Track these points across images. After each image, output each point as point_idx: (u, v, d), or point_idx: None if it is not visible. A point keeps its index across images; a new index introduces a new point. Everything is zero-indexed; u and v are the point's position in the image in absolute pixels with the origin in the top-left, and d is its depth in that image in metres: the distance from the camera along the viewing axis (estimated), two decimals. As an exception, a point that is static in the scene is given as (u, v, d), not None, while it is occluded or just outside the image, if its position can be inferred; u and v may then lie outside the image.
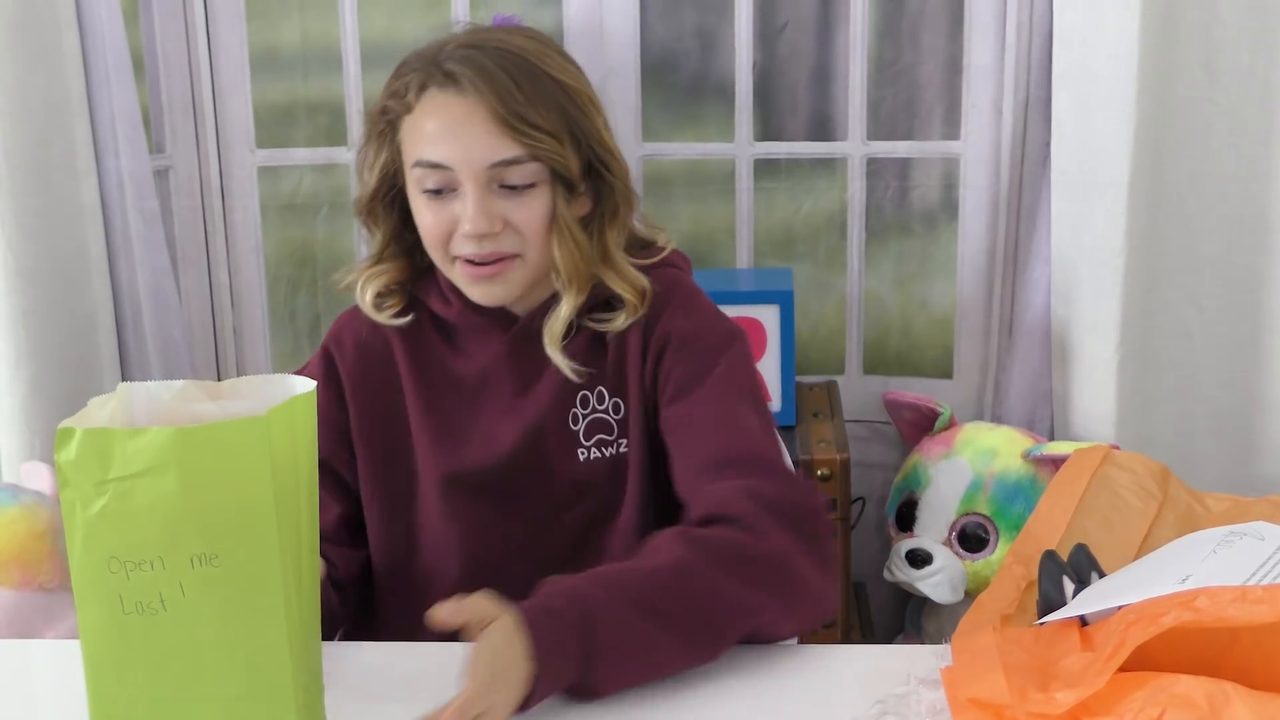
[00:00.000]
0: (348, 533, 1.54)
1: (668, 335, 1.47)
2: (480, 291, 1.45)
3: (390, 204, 1.50)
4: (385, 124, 1.46)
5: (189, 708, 1.09)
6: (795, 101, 2.59)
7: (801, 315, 2.49)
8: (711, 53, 2.56)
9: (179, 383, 1.13)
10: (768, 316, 2.29)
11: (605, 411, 1.48)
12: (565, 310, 1.46)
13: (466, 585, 1.38)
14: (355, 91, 2.53)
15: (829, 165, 2.56)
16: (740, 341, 1.50)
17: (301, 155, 2.60)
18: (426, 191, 1.42)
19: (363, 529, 1.56)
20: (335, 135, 2.59)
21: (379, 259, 1.53)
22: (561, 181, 1.42)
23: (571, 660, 1.21)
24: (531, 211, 1.42)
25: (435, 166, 1.40)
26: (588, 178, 1.46)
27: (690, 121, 2.56)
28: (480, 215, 1.40)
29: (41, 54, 2.21)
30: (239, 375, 2.57)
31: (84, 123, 2.28)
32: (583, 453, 1.48)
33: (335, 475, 1.53)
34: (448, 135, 1.40)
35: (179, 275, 2.49)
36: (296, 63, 2.58)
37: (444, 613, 1.18)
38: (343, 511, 1.54)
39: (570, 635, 1.21)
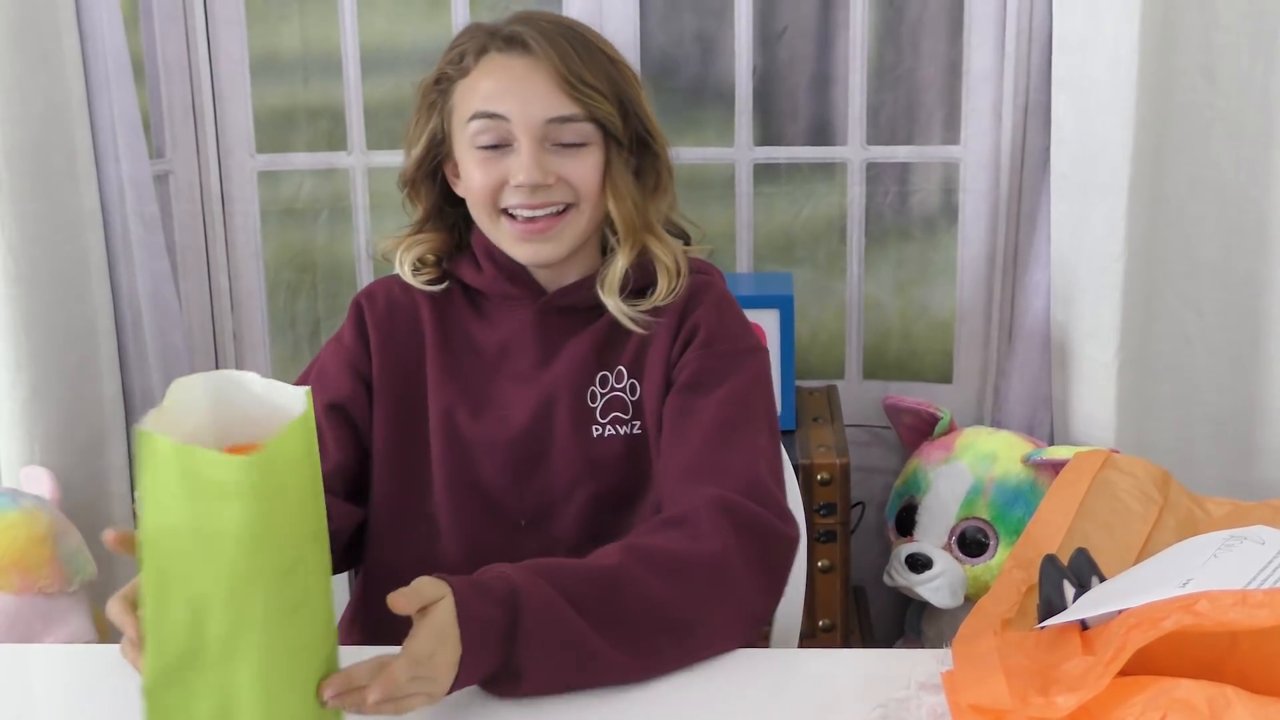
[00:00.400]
0: (343, 484, 1.54)
1: (696, 326, 1.50)
2: (529, 250, 1.49)
3: (432, 176, 1.55)
4: (437, 93, 1.51)
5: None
6: (795, 106, 2.59)
7: (801, 320, 2.50)
8: (711, 57, 2.56)
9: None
10: (768, 321, 2.29)
11: (623, 390, 1.50)
12: (621, 262, 1.50)
13: (474, 556, 1.42)
14: (355, 96, 2.53)
15: (829, 170, 2.56)
16: (763, 359, 1.52)
17: (301, 160, 2.60)
18: (480, 148, 1.46)
19: (360, 489, 1.55)
20: (335, 140, 2.59)
21: (419, 229, 1.57)
22: (614, 141, 1.48)
23: (495, 633, 1.20)
24: (586, 167, 1.46)
25: (492, 116, 1.45)
26: (632, 148, 1.51)
27: (690, 126, 2.57)
28: (535, 166, 1.44)
29: (41, 58, 2.21)
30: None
31: (84, 127, 2.28)
32: (596, 429, 1.50)
33: (349, 420, 1.54)
34: (506, 90, 1.45)
35: (179, 280, 2.49)
36: (297, 67, 2.58)
37: (399, 601, 1.16)
38: (344, 461, 1.54)
39: (496, 610, 1.20)
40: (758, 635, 1.40)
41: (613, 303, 1.50)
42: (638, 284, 1.52)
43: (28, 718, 1.33)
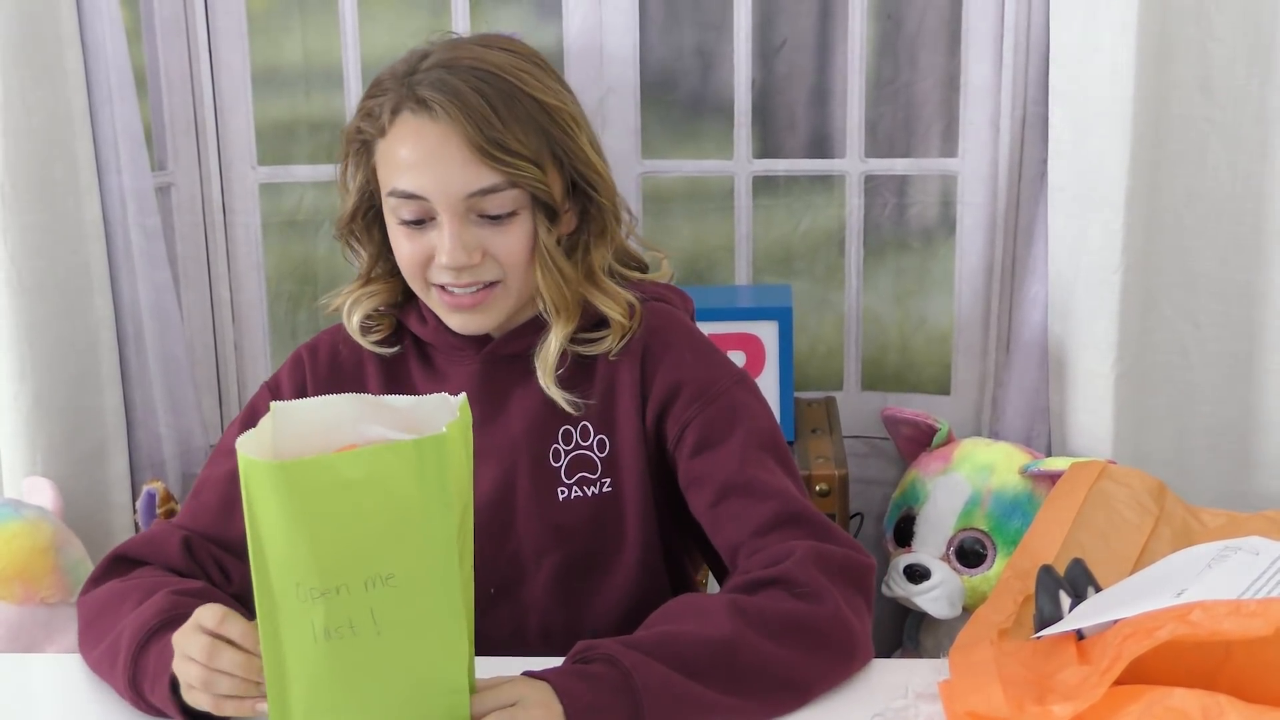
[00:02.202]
0: None
1: (677, 383, 1.41)
2: (459, 320, 1.41)
3: (371, 223, 1.46)
4: (360, 143, 1.42)
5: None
6: (794, 119, 2.60)
7: (800, 331, 2.50)
8: (710, 70, 2.57)
9: (332, 398, 1.14)
10: (766, 333, 2.30)
11: (590, 448, 1.42)
12: (555, 341, 1.41)
13: None
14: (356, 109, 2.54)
15: (827, 182, 2.57)
16: (749, 384, 1.45)
17: (303, 172, 2.61)
18: (403, 222, 1.38)
19: None
20: (337, 152, 2.58)
21: (367, 280, 1.49)
22: (543, 207, 1.37)
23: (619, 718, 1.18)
24: (512, 241, 1.37)
25: (410, 197, 1.36)
26: (572, 197, 1.41)
27: (689, 139, 2.58)
28: (458, 248, 1.35)
29: (44, 71, 2.22)
30: (240, 391, 2.59)
31: (86, 140, 2.29)
32: (562, 491, 1.42)
33: None
34: (422, 164, 1.34)
35: (180, 291, 2.50)
36: (298, 80, 2.59)
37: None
38: None
39: (614, 699, 1.18)
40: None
41: (546, 384, 1.40)
42: (597, 317, 1.43)
43: (30, 727, 1.34)
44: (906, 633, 2.44)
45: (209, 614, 1.19)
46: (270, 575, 1.07)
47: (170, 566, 1.39)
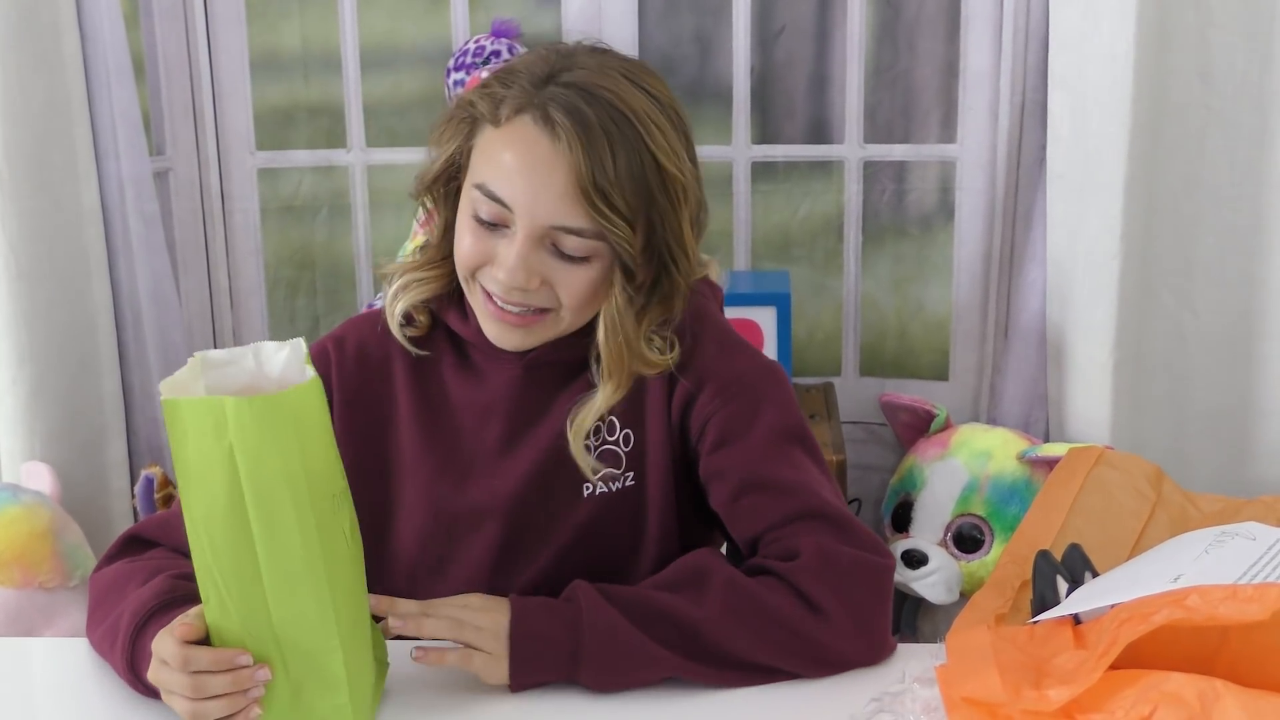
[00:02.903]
0: None
1: (701, 377, 1.38)
2: (496, 331, 1.36)
3: (451, 194, 1.38)
4: (468, 117, 1.34)
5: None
6: (792, 105, 2.60)
7: (798, 317, 2.50)
8: (709, 57, 2.57)
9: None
10: (765, 318, 2.30)
11: (615, 443, 1.40)
12: (600, 403, 1.36)
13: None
14: (355, 94, 2.54)
15: (826, 168, 2.57)
16: (780, 379, 1.42)
17: (301, 157, 2.61)
18: (477, 218, 1.32)
19: None
20: (335, 138, 2.60)
21: (428, 258, 1.42)
22: (621, 266, 1.32)
23: (561, 652, 1.24)
24: (577, 282, 1.31)
25: (495, 200, 1.30)
26: (650, 262, 1.34)
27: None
28: (520, 269, 1.29)
29: (42, 56, 2.22)
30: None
31: (84, 125, 2.29)
32: (587, 488, 1.39)
33: None
34: (522, 176, 1.28)
35: (179, 277, 2.50)
36: (296, 65, 2.59)
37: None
38: None
39: (560, 628, 1.24)
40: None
41: (575, 448, 1.36)
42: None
43: (28, 711, 1.34)
44: (904, 618, 2.44)
45: (169, 649, 1.19)
46: (293, 502, 1.13)
47: (180, 549, 1.38)
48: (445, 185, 1.38)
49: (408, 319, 1.42)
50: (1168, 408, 2.31)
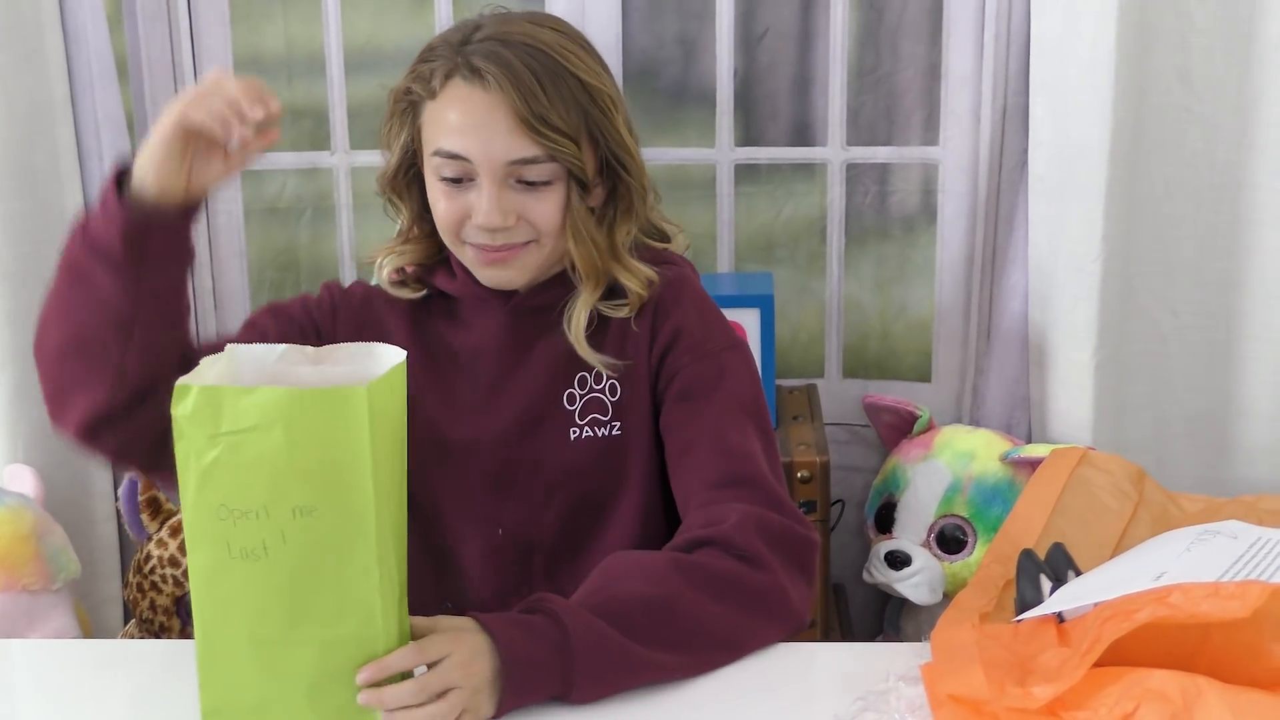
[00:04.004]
0: None
1: (678, 330, 1.49)
2: (490, 274, 1.48)
3: (411, 182, 1.52)
4: (407, 103, 1.48)
5: (287, 650, 1.16)
6: (776, 107, 2.61)
7: (781, 319, 2.51)
8: (693, 60, 2.57)
9: (282, 346, 1.21)
10: (748, 320, 2.30)
11: (602, 392, 1.50)
12: (583, 304, 1.49)
13: (447, 563, 1.48)
14: (339, 96, 2.54)
15: (809, 170, 2.58)
16: (745, 352, 1.53)
17: (285, 159, 2.61)
18: (444, 179, 1.45)
19: None
20: (319, 140, 2.59)
21: (404, 239, 1.55)
22: (576, 180, 1.45)
23: (547, 676, 1.24)
24: (546, 207, 1.44)
25: (454, 157, 1.43)
26: (603, 174, 1.48)
27: (671, 127, 2.58)
28: (495, 210, 1.42)
29: (25, 58, 2.22)
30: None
31: (68, 127, 2.28)
32: (574, 431, 1.49)
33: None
34: (469, 129, 1.42)
35: (162, 279, 2.49)
36: (280, 67, 2.59)
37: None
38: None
39: (549, 652, 1.23)
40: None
41: (580, 348, 1.48)
42: (614, 283, 1.51)
43: (11, 713, 1.34)
44: (888, 619, 2.45)
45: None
46: (190, 493, 1.13)
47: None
48: (405, 176, 1.52)
49: (395, 282, 1.54)
50: (1149, 408, 2.32)
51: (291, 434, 1.11)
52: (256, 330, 1.54)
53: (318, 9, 2.51)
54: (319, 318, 1.55)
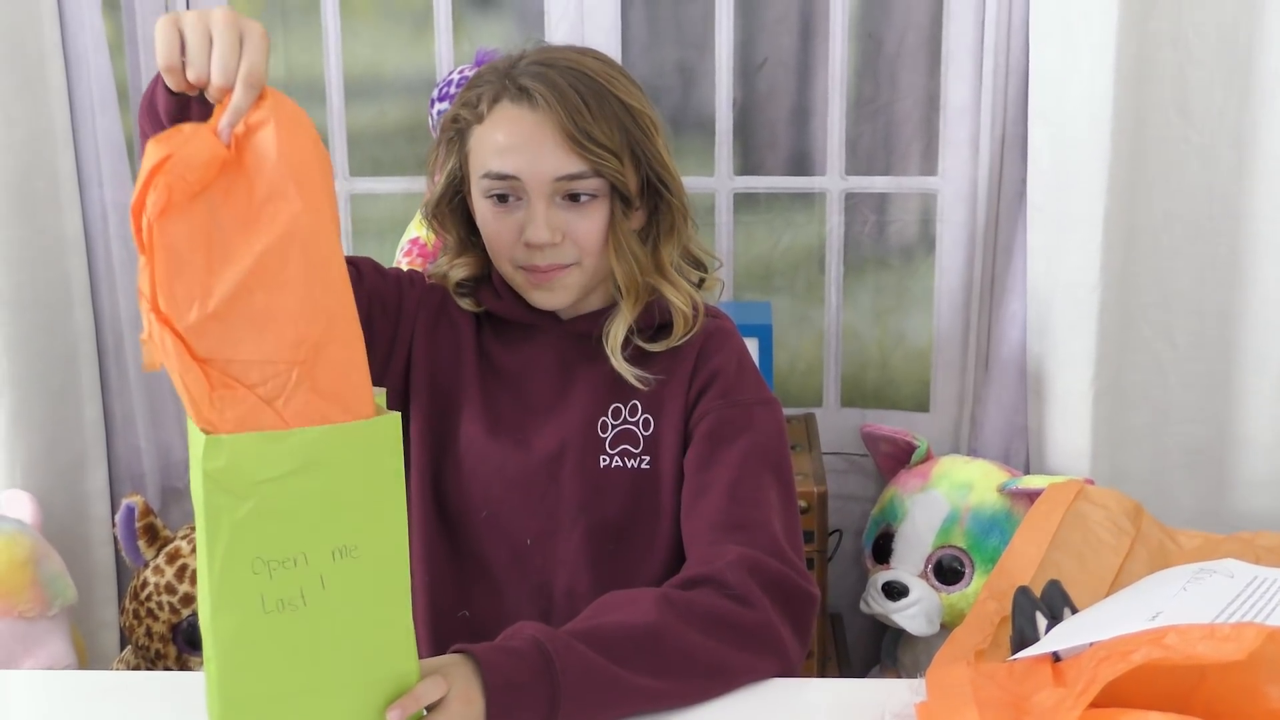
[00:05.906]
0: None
1: (715, 374, 1.52)
2: (539, 296, 1.51)
3: (456, 209, 1.56)
4: (455, 131, 1.51)
5: (317, 699, 1.14)
6: (775, 137, 2.61)
7: (780, 348, 2.51)
8: (692, 88, 2.58)
9: None
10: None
11: (635, 425, 1.52)
12: (622, 320, 1.52)
13: (478, 565, 1.52)
14: (339, 123, 2.55)
15: (808, 200, 2.58)
16: (777, 411, 1.55)
17: (284, 186, 2.61)
18: (493, 197, 1.48)
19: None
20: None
21: (459, 254, 1.59)
22: (620, 197, 1.48)
23: (538, 697, 1.24)
24: (590, 224, 1.48)
25: (503, 178, 1.46)
26: (645, 195, 1.52)
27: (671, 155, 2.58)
28: (544, 226, 1.46)
29: (26, 85, 2.22)
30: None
31: (68, 153, 2.29)
32: (604, 459, 1.52)
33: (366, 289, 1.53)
34: (517, 148, 1.46)
35: (161, 304, 2.49)
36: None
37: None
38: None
39: (534, 677, 1.24)
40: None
41: (615, 360, 1.51)
42: (660, 320, 1.54)
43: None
44: (885, 649, 2.45)
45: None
46: (221, 551, 1.09)
47: None
48: (450, 203, 1.55)
49: (459, 293, 1.59)
50: (1147, 439, 2.32)
51: (331, 473, 1.10)
52: (352, 267, 1.54)
53: (318, 36, 2.52)
54: (405, 302, 1.58)
